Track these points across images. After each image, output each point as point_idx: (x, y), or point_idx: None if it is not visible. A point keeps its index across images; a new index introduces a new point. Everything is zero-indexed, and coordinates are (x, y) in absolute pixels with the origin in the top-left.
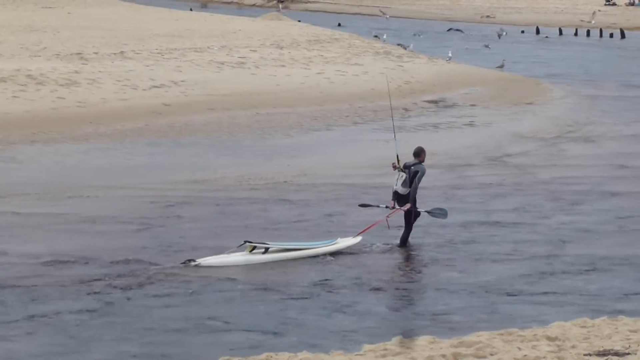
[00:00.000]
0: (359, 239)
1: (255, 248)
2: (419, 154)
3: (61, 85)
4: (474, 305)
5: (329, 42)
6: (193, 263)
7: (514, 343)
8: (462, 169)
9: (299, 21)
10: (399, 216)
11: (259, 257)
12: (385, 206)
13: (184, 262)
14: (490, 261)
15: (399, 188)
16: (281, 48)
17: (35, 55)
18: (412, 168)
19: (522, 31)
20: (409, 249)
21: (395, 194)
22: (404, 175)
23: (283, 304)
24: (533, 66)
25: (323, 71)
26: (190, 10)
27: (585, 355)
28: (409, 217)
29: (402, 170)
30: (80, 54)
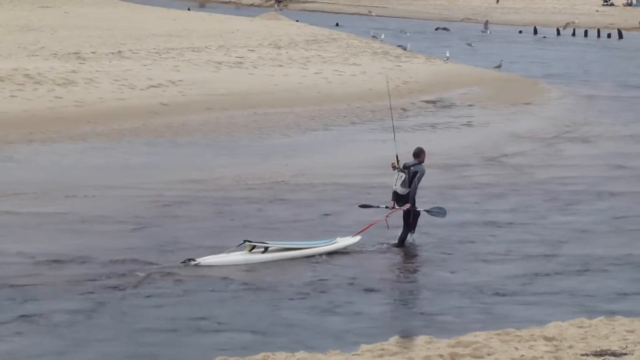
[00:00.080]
0: (358, 238)
1: (254, 247)
2: (419, 154)
3: (58, 84)
4: (470, 305)
5: (326, 42)
6: (193, 262)
7: (511, 343)
8: (460, 169)
9: (297, 21)
10: (398, 216)
11: (258, 257)
12: (385, 206)
13: (184, 262)
14: (486, 261)
15: (398, 188)
16: (279, 48)
17: (32, 55)
18: (412, 168)
19: (520, 31)
20: (406, 249)
21: (394, 194)
22: (403, 175)
23: (277, 304)
24: (531, 66)
25: (321, 71)
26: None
27: (582, 355)
28: (408, 217)
29: (402, 171)
30: (78, 53)
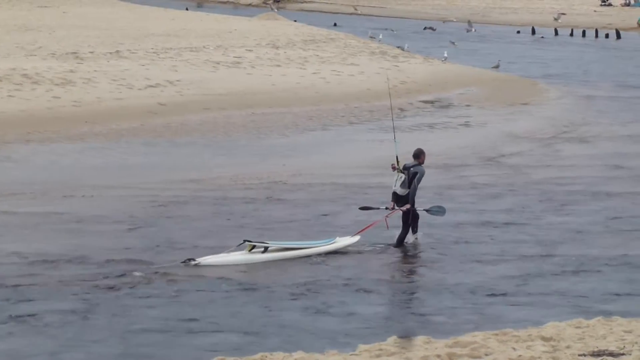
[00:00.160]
0: (357, 238)
1: (254, 247)
2: (419, 155)
3: (56, 84)
4: (467, 305)
5: (324, 42)
6: (193, 262)
7: (508, 343)
8: (457, 169)
9: (295, 21)
10: (397, 216)
11: (258, 257)
12: (385, 207)
13: (184, 261)
14: (483, 262)
15: (397, 189)
16: (277, 48)
17: (30, 55)
18: (412, 169)
19: (518, 31)
20: (404, 249)
21: (394, 195)
22: (403, 176)
23: (272, 305)
24: (529, 66)
25: (319, 71)
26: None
27: (580, 355)
28: (407, 218)
29: (401, 172)
30: (76, 53)
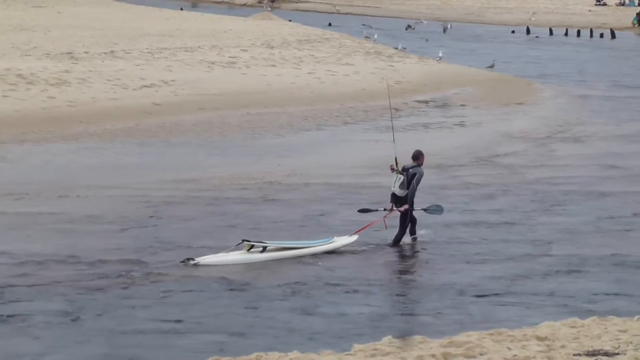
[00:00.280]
0: (355, 237)
1: (253, 247)
2: (418, 157)
3: (51, 84)
4: (461, 305)
5: (319, 42)
6: (192, 262)
7: (503, 343)
8: (452, 169)
9: (290, 21)
10: (395, 216)
11: (257, 256)
12: (383, 209)
13: (183, 261)
14: (476, 262)
15: (396, 190)
16: (272, 48)
17: (25, 55)
18: (410, 171)
19: (513, 31)
20: (399, 249)
21: (393, 196)
22: (401, 177)
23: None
24: (524, 66)
25: (314, 71)
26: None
27: (574, 355)
28: (405, 219)
29: (400, 173)
30: (71, 53)
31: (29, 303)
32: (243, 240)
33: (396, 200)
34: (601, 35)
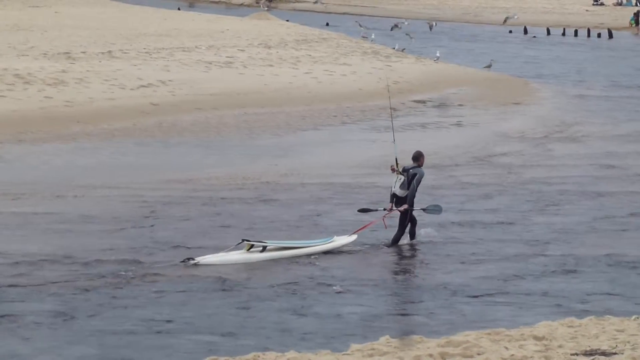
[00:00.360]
0: (355, 237)
1: (252, 246)
2: (418, 158)
3: (49, 84)
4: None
5: (317, 42)
6: (192, 262)
7: (501, 343)
8: (449, 168)
9: (287, 21)
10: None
11: (257, 256)
12: (383, 208)
13: (183, 261)
14: (471, 262)
15: (397, 190)
16: (269, 48)
17: (22, 55)
18: (411, 171)
19: (510, 31)
20: (397, 249)
21: (393, 196)
22: (402, 178)
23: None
24: (521, 66)
25: (311, 71)
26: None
27: (572, 354)
28: (404, 219)
29: (401, 174)
30: (68, 53)
31: (21, 303)
32: (243, 240)
33: (397, 200)
34: (598, 35)
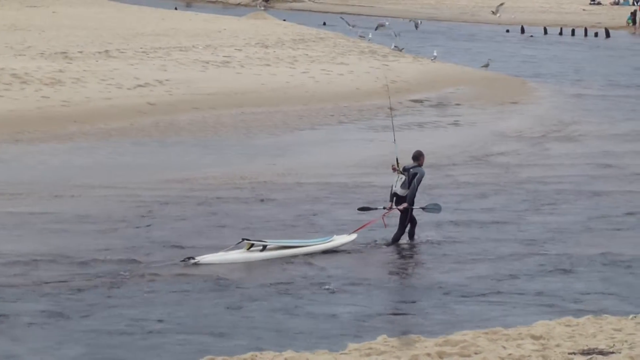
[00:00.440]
0: (355, 236)
1: (252, 246)
2: (418, 157)
3: (45, 84)
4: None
5: (314, 41)
6: (192, 261)
7: (498, 342)
8: (446, 168)
9: (284, 20)
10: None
11: (257, 255)
12: (382, 207)
13: (184, 260)
14: (467, 262)
15: (398, 189)
16: (266, 47)
17: (19, 54)
18: (411, 170)
19: (507, 30)
20: (394, 249)
21: (394, 195)
22: (403, 177)
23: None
24: (518, 65)
25: (308, 70)
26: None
27: (569, 354)
28: (404, 218)
29: (402, 173)
30: (65, 53)
31: (14, 303)
32: (243, 239)
33: (397, 199)
34: (596, 35)
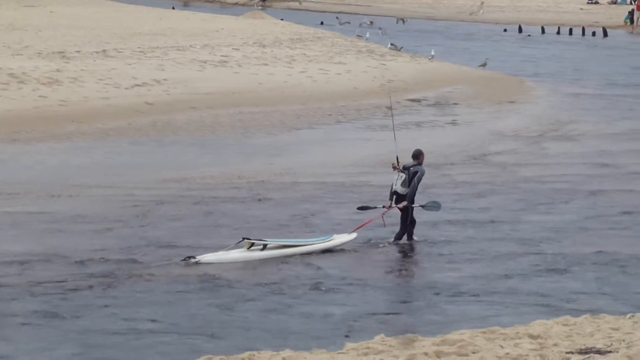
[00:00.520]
0: (355, 235)
1: (253, 245)
2: (418, 156)
3: (43, 84)
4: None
5: (311, 41)
6: (193, 260)
7: (496, 341)
8: (443, 167)
9: (282, 19)
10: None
11: (257, 254)
12: (382, 206)
13: (184, 259)
14: (464, 261)
15: (398, 188)
16: (264, 47)
17: (17, 54)
18: (412, 169)
19: (505, 30)
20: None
21: (394, 194)
22: (403, 175)
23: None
24: (516, 65)
25: (306, 70)
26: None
27: (567, 353)
28: (406, 217)
29: (402, 171)
30: (63, 52)
31: (6, 303)
32: (243, 239)
33: (397, 198)
34: (593, 34)
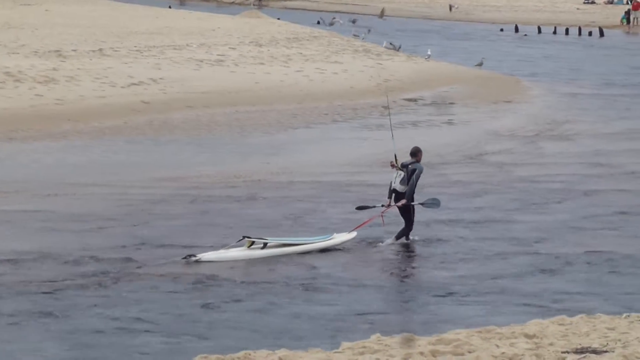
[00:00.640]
0: (354, 234)
1: (253, 243)
2: (416, 153)
3: (39, 82)
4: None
5: (308, 40)
6: (193, 258)
7: (492, 340)
8: (439, 167)
9: (278, 19)
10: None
11: (258, 253)
12: (381, 205)
13: (185, 257)
14: (459, 261)
15: (397, 186)
16: (260, 46)
17: (13, 53)
18: (410, 167)
19: (501, 29)
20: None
21: (393, 192)
22: (402, 173)
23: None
24: (512, 64)
25: (302, 69)
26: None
27: (563, 352)
28: (408, 215)
29: (400, 169)
30: (59, 51)
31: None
32: (244, 237)
33: (396, 196)
34: (590, 34)
